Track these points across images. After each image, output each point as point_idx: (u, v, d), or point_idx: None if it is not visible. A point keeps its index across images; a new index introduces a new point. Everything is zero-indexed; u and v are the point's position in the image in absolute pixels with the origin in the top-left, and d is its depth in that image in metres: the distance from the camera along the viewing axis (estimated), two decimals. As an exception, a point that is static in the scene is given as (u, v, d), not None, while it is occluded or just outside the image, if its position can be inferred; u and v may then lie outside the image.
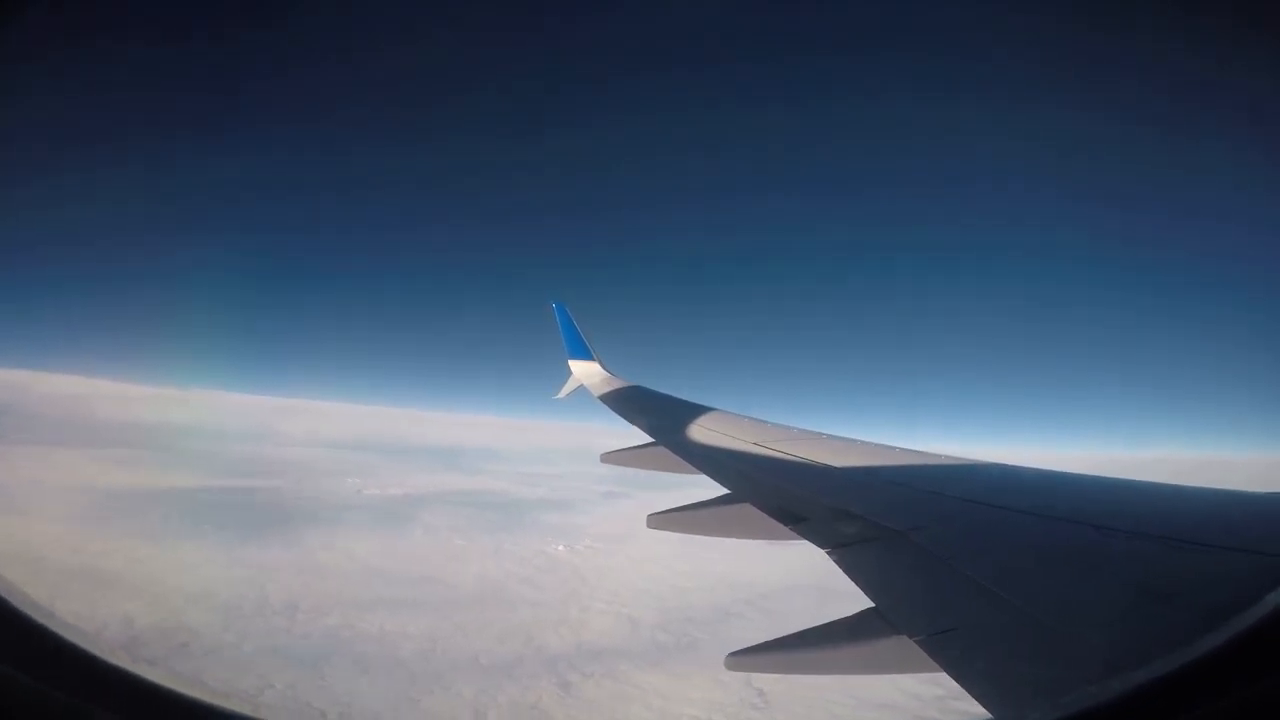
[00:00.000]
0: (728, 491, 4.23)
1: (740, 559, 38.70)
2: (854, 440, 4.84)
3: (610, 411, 7.68)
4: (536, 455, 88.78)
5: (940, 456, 4.29)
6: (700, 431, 5.72)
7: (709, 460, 4.91)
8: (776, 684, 29.44)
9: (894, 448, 4.56)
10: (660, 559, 43.65)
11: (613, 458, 5.92)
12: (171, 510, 43.71)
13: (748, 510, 3.89)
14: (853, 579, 2.71)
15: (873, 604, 2.52)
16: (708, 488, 4.39)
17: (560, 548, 46.21)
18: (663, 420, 6.45)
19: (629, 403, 7.93)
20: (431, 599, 35.07)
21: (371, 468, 65.79)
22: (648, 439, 5.93)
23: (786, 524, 3.49)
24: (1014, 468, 4.07)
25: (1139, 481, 3.40)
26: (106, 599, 27.47)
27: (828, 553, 3.01)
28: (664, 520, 4.35)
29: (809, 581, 38.18)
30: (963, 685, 1.86)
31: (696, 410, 6.39)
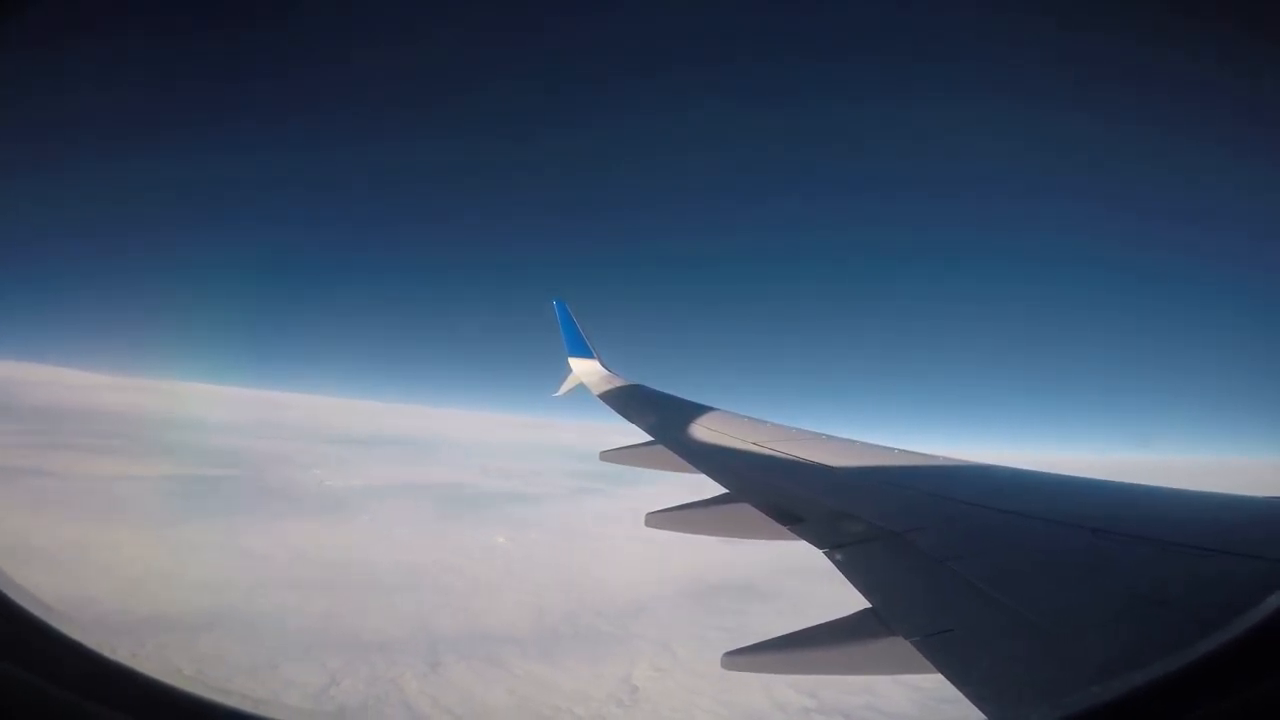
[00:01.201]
0: (725, 491, 4.23)
1: (690, 556, 37.98)
2: (853, 441, 4.88)
3: (609, 410, 7.71)
4: (525, 451, 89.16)
5: (939, 458, 4.31)
6: (699, 431, 5.71)
7: (708, 459, 4.92)
8: (652, 684, 29.76)
9: (893, 449, 4.60)
10: (604, 553, 43.87)
11: (611, 456, 5.93)
12: (123, 496, 45.48)
13: (746, 510, 3.90)
14: (850, 579, 2.73)
15: (869, 604, 2.54)
16: (696, 486, 4.44)
17: (500, 539, 46.59)
18: (662, 419, 6.43)
19: (628, 401, 7.93)
20: (343, 582, 36.14)
21: (343, 460, 66.70)
22: (647, 438, 5.95)
23: (784, 524, 3.50)
24: (1012, 470, 4.09)
25: (1137, 485, 3.43)
26: (21, 571, 29.67)
27: (825, 553, 3.03)
28: (662, 519, 4.37)
29: (745, 582, 38.12)
30: (958, 687, 1.88)
31: (696, 410, 6.36)
